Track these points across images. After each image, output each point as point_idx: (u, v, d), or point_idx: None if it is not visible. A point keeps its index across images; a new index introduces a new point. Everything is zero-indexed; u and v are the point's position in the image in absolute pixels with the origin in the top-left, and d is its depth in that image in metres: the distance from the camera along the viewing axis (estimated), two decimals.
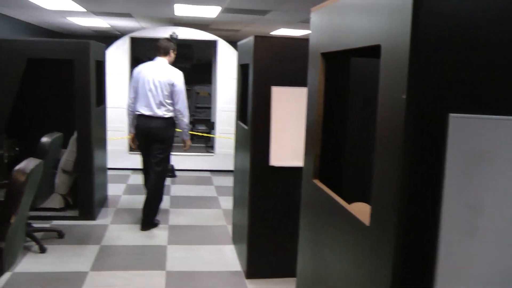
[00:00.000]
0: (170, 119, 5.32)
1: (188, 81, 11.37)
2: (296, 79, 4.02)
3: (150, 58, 5.55)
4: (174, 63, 5.51)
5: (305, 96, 3.74)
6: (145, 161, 5.54)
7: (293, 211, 4.16)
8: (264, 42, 4.00)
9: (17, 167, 2.87)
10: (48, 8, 7.58)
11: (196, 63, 11.31)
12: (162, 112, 5.23)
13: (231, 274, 4.42)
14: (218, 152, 8.52)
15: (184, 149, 5.73)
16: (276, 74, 4.03)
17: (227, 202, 6.66)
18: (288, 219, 4.21)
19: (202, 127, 10.35)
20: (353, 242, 1.79)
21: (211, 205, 6.57)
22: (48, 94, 6.50)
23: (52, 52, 5.42)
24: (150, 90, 5.21)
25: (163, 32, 8.32)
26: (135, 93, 5.33)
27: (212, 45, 9.08)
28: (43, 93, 6.48)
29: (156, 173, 5.35)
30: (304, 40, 4.04)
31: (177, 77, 5.28)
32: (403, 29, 1.40)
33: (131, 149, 8.60)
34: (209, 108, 10.37)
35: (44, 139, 4.50)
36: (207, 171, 8.48)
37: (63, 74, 6.28)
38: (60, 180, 5.65)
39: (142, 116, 5.29)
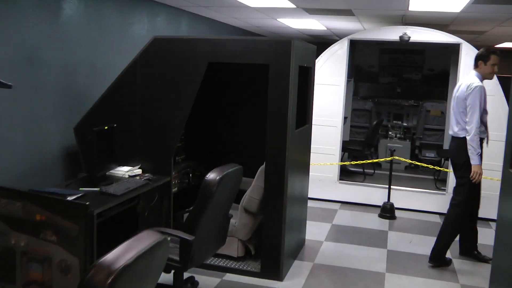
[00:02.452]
0: (464, 139, 4.60)
1: (416, 96, 9.42)
2: None
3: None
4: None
5: None
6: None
7: None
8: None
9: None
10: (253, 6, 6.43)
11: (427, 74, 9.24)
12: (457, 131, 4.71)
13: None
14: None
15: (471, 177, 4.56)
16: None
17: (467, 266, 4.67)
18: None
19: (431, 155, 8.29)
20: None
21: (444, 270, 4.65)
22: (236, 108, 5.24)
23: (238, 55, 4.11)
24: (452, 107, 4.80)
25: (390, 34, 6.68)
26: None
27: (452, 50, 7.16)
28: (229, 106, 5.24)
29: (451, 202, 4.77)
30: None
31: (470, 91, 4.58)
32: None
33: (341, 178, 7.01)
34: (442, 131, 8.23)
35: (211, 176, 3.17)
36: (437, 214, 6.48)
37: (257, 83, 4.98)
38: (241, 222, 4.30)
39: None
